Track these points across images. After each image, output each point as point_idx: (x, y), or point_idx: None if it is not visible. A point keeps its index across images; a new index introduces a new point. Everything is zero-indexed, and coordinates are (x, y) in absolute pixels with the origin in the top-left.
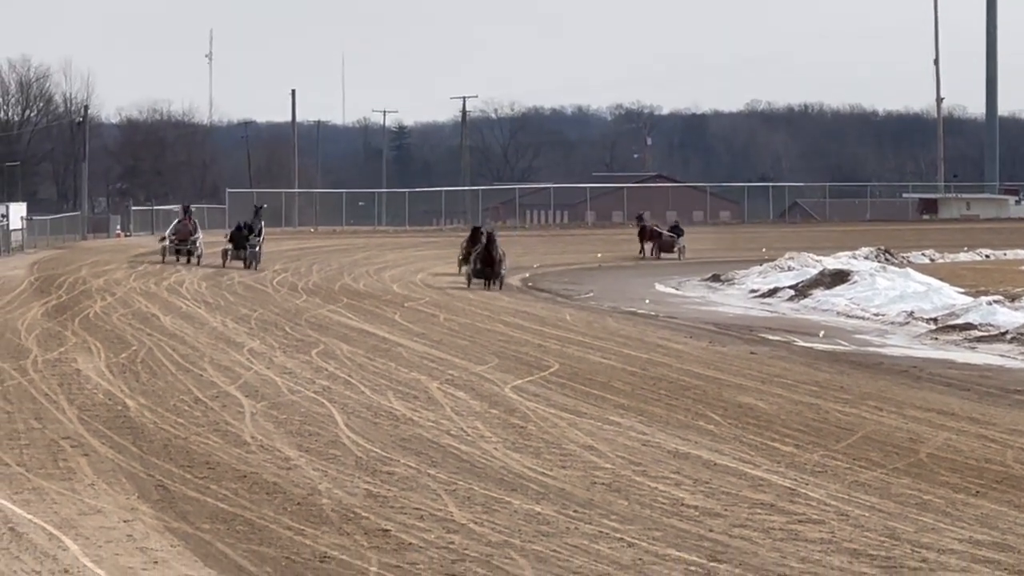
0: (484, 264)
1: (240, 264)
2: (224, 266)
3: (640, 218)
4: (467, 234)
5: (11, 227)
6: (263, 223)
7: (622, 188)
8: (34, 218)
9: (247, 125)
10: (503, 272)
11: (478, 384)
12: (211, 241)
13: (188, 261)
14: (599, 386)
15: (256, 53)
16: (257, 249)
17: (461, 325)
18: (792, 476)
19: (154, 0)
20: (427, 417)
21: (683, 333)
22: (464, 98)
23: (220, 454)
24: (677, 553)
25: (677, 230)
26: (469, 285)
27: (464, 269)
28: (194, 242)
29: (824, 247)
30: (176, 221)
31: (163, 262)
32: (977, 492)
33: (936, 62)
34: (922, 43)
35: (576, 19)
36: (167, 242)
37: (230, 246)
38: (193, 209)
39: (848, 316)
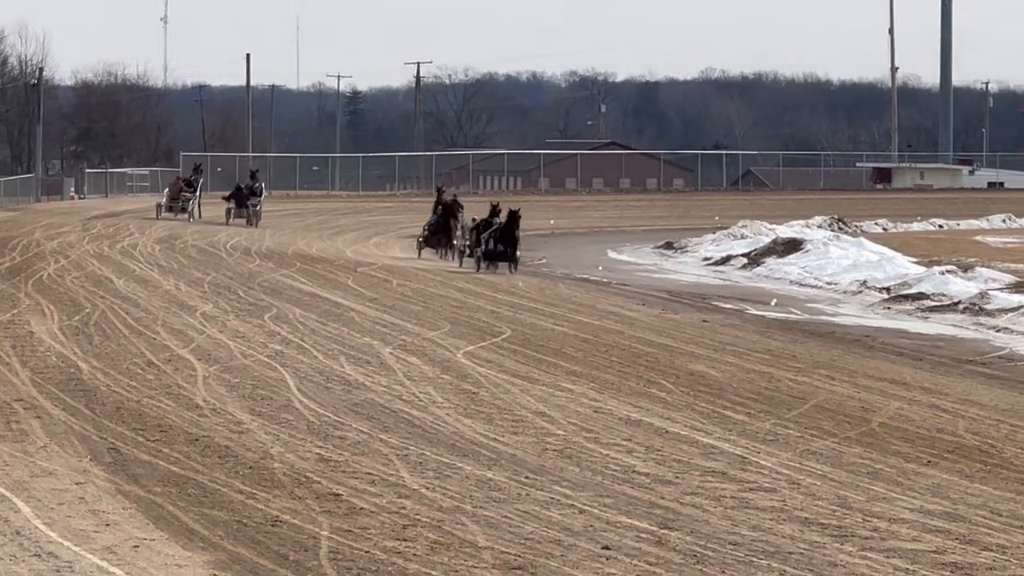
0: (505, 244)
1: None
2: (228, 223)
3: (439, 190)
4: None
5: None
6: (263, 184)
7: (575, 155)
8: None
9: (201, 89)
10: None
11: (430, 350)
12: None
13: (188, 218)
14: (551, 353)
15: (211, 17)
16: (258, 208)
17: (414, 291)
18: (744, 444)
19: None
20: (379, 382)
21: (635, 300)
22: (418, 64)
23: (172, 417)
24: (628, 520)
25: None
26: (479, 269)
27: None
28: (186, 199)
29: (777, 216)
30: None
31: (157, 218)
32: (928, 462)
33: (891, 32)
34: (877, 12)
35: None
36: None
37: (232, 205)
38: (200, 168)
39: (801, 285)
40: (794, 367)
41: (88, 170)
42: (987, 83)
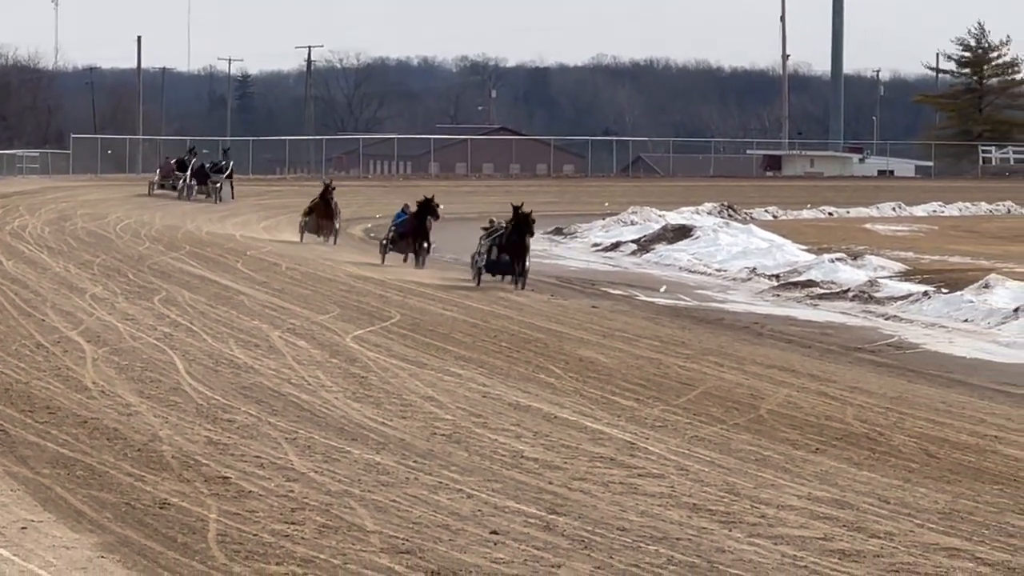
0: (511, 254)
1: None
2: (188, 198)
3: (327, 186)
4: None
5: None
6: (232, 163)
7: (466, 140)
8: None
9: (92, 71)
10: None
11: (319, 333)
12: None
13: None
14: (440, 337)
15: None
16: (219, 185)
17: (303, 274)
18: (632, 430)
19: None
20: (268, 366)
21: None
22: (309, 48)
23: (61, 399)
24: (516, 505)
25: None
26: (478, 284)
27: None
28: (176, 177)
29: (667, 202)
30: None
31: (149, 194)
32: (817, 449)
33: (782, 19)
34: (768, 0)
35: None
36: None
37: (194, 183)
38: (195, 152)
39: (690, 271)
40: (683, 354)
41: None
42: (878, 71)
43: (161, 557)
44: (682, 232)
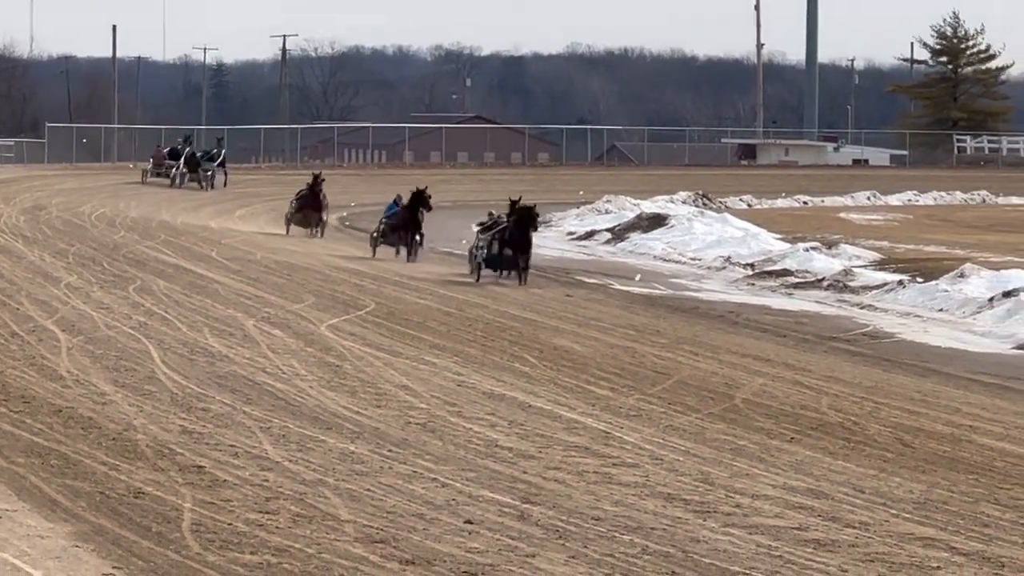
0: (515, 248)
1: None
2: (179, 186)
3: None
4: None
5: None
6: (224, 151)
7: (441, 129)
8: None
9: (68, 60)
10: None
11: (294, 322)
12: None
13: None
14: (415, 326)
15: None
16: (209, 173)
17: (278, 263)
18: (607, 419)
19: None
20: (243, 354)
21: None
22: (284, 37)
23: (36, 388)
24: (491, 494)
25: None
26: (478, 280)
27: (475, 253)
28: (168, 166)
29: (642, 191)
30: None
31: (143, 182)
32: (792, 438)
33: (757, 8)
34: None
35: None
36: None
37: (185, 170)
38: (191, 141)
39: (665, 260)
40: (658, 342)
41: None
42: (853, 60)
43: (135, 546)
44: (657, 221)
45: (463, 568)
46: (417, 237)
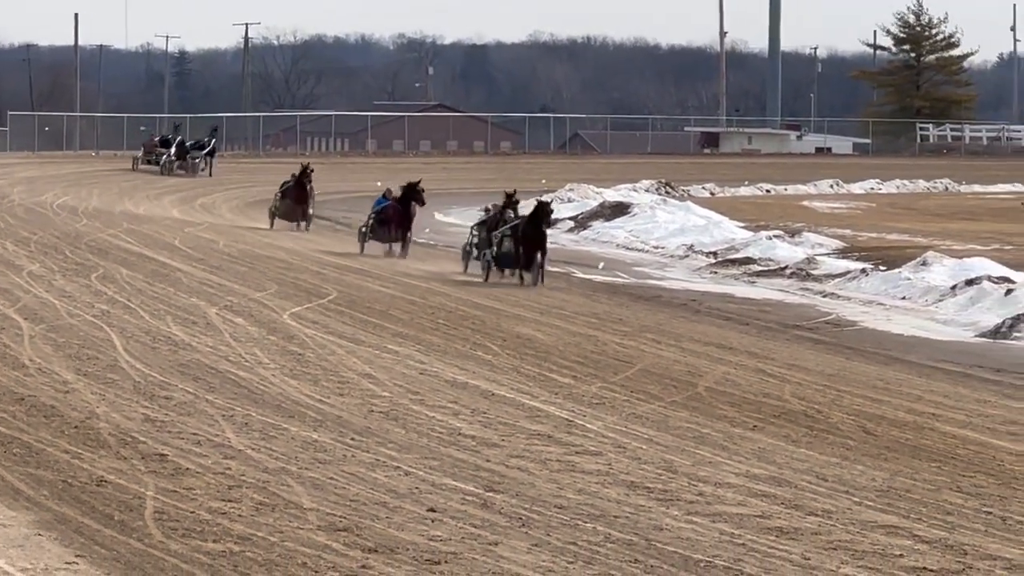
0: (528, 247)
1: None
2: (169, 173)
3: (305, 169)
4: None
5: None
6: (215, 140)
7: (403, 117)
8: None
9: (29, 48)
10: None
11: (257, 310)
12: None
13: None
14: (377, 314)
15: None
16: (196, 161)
17: (240, 252)
18: (570, 408)
19: None
20: (205, 343)
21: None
22: (247, 25)
23: None
24: (454, 483)
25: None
26: (487, 279)
27: (478, 251)
28: (160, 154)
29: (605, 179)
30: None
31: (134, 169)
32: (754, 426)
33: None
34: None
35: None
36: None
37: (174, 157)
38: (180, 129)
39: (628, 248)
40: (621, 331)
41: None
42: (815, 48)
43: (98, 534)
44: (619, 209)
45: (426, 556)
46: (409, 233)
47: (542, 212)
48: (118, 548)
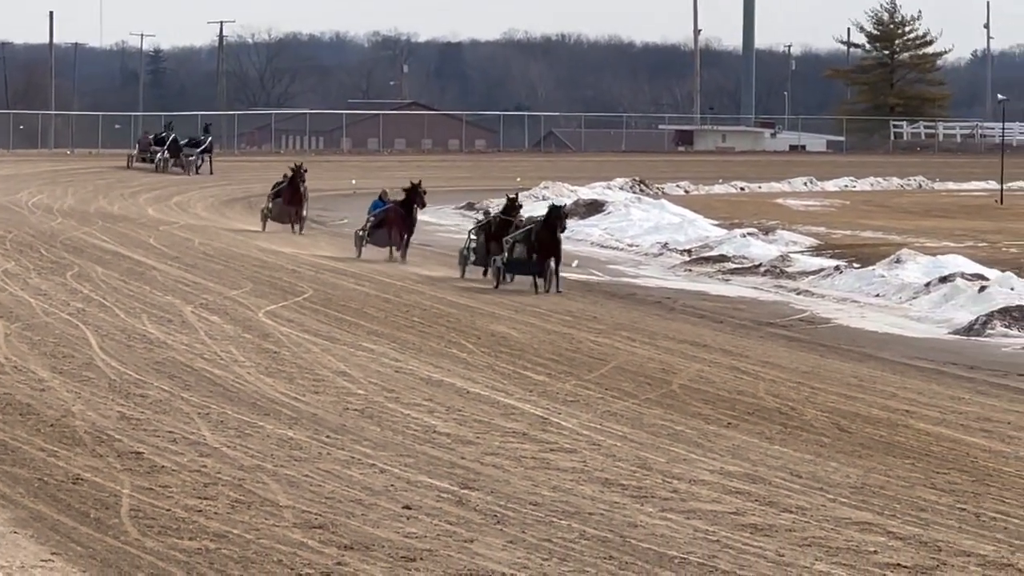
0: (543, 253)
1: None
2: (163, 171)
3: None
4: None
5: None
6: (210, 138)
7: (378, 115)
8: None
9: (3, 46)
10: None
11: (232, 309)
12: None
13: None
14: (352, 312)
15: None
16: (192, 158)
17: (216, 250)
18: (544, 405)
19: None
20: (181, 341)
21: (435, 261)
22: (221, 23)
23: None
24: (429, 480)
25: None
26: (498, 286)
27: (472, 252)
28: (153, 152)
29: (579, 177)
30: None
31: (128, 167)
32: (729, 424)
33: None
34: None
35: None
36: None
37: (168, 155)
38: (172, 128)
39: (602, 246)
40: (595, 328)
41: None
42: (789, 46)
43: (74, 532)
44: (594, 207)
45: (401, 553)
46: (409, 237)
47: (556, 217)
48: (94, 546)
